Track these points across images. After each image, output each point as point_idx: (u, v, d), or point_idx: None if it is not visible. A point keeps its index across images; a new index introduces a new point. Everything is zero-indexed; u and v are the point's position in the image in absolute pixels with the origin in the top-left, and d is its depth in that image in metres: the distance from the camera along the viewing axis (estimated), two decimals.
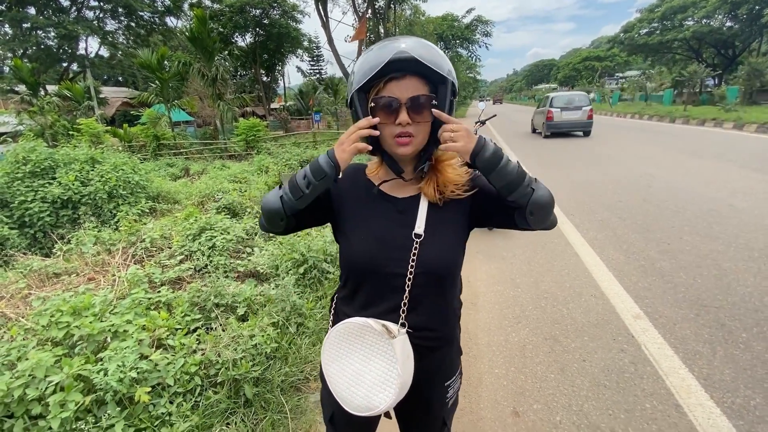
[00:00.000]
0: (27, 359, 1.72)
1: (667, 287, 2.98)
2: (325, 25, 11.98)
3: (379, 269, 0.89)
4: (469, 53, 31.48)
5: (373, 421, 1.06)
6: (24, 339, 1.97)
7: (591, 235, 4.15)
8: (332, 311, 1.05)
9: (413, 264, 0.86)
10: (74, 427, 1.53)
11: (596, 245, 3.86)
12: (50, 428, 1.53)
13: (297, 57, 32.02)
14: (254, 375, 1.84)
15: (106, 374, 1.60)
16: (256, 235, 3.81)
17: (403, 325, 0.87)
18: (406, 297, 0.87)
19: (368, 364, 0.84)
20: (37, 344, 1.92)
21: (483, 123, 5.51)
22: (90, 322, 1.82)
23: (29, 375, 1.63)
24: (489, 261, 3.72)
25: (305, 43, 31.76)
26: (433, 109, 0.82)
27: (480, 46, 30.51)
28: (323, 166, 0.82)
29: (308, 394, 1.97)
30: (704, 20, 29.34)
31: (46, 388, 1.59)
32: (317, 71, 34.33)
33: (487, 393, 2.04)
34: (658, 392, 1.97)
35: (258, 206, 4.90)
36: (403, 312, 0.88)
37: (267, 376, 1.90)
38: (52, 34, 23.81)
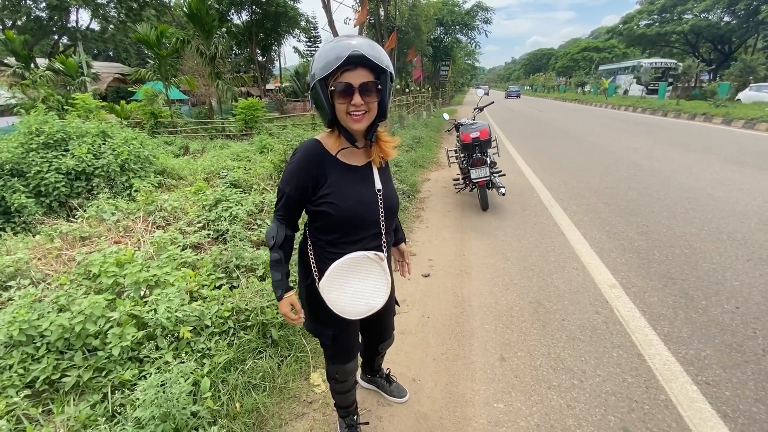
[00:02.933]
0: (77, 304, 1.98)
1: (641, 263, 3.31)
2: (327, 7, 11.95)
3: (365, 219, 1.25)
4: (469, 39, 31.34)
5: (357, 321, 1.44)
6: (71, 288, 2.22)
7: (578, 217, 4.46)
8: (312, 258, 1.32)
9: (382, 210, 1.27)
10: (131, 355, 1.81)
11: (581, 226, 4.18)
12: (109, 356, 1.81)
13: (294, 37, 31.57)
14: (279, 320, 2.13)
15: (156, 312, 1.87)
16: (263, 210, 4.06)
17: (383, 251, 1.29)
18: (384, 231, 1.29)
19: (364, 282, 1.25)
20: (84, 292, 2.18)
21: (481, 110, 5.76)
22: (137, 272, 2.07)
23: (88, 314, 1.89)
24: (482, 238, 4.03)
25: (302, 23, 31.27)
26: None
27: (479, 33, 30.39)
28: (276, 293, 1.34)
29: None
30: (703, 14, 29.52)
31: (104, 324, 1.86)
32: (314, 52, 33.94)
33: (478, 343, 2.35)
34: (624, 344, 2.30)
35: (264, 182, 5.13)
36: (384, 241, 1.30)
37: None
38: (43, 4, 23.16)
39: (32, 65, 17.97)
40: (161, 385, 1.61)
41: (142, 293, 2.16)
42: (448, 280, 3.15)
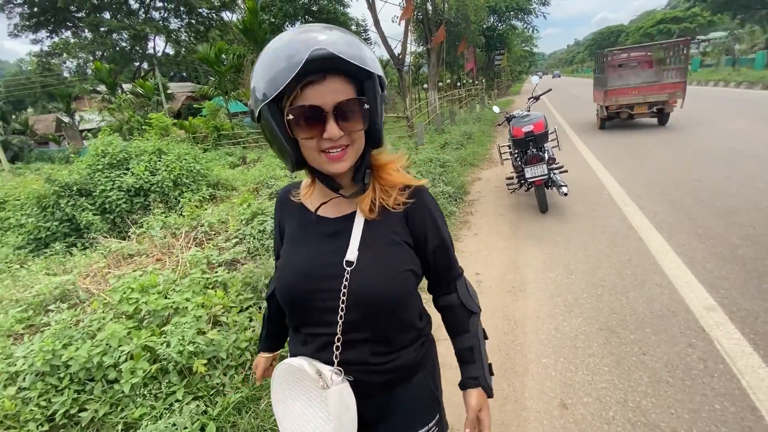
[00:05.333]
0: (105, 330, 1.94)
1: (749, 276, 2.64)
2: (372, 7, 11.81)
3: (307, 303, 0.78)
4: (525, 25, 29.45)
5: None
6: (103, 312, 2.22)
7: (660, 218, 3.77)
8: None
9: (344, 296, 0.74)
10: (143, 392, 1.71)
11: (665, 229, 3.51)
12: (123, 391, 1.72)
13: None
14: None
15: (168, 346, 1.76)
16: None
17: (338, 372, 0.74)
18: (339, 333, 0.75)
19: (308, 408, 0.75)
20: (114, 317, 2.16)
21: (537, 99, 5.19)
22: (155, 299, 2.00)
23: (106, 344, 1.83)
24: (541, 246, 3.54)
25: (353, 27, 31.72)
26: None
27: (537, 17, 28.43)
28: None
29: None
30: None
31: (119, 356, 1.79)
32: None
33: (532, 383, 1.96)
34: (732, 392, 1.77)
35: None
36: (337, 349, 0.75)
37: None
38: (125, 35, 26.01)
39: (118, 91, 20.15)
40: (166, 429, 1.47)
41: (165, 318, 2.08)
42: (497, 299, 2.76)
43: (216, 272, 2.73)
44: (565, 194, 4.05)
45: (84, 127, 22.99)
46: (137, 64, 29.18)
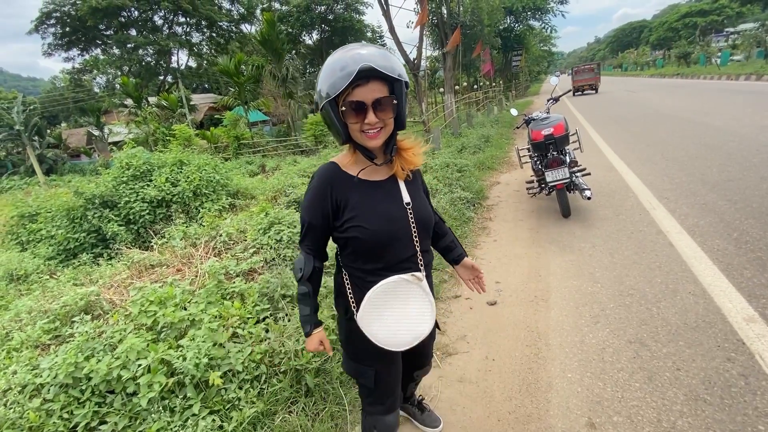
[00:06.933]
0: (125, 342, 1.97)
1: None
2: (386, 14, 11.81)
3: (396, 239, 1.14)
4: (543, 24, 28.96)
5: (400, 360, 1.33)
6: (124, 324, 2.25)
7: (691, 221, 3.59)
8: (349, 289, 1.21)
9: (414, 225, 1.16)
10: (160, 405, 1.71)
11: (697, 233, 3.32)
12: (140, 404, 1.73)
13: None
14: (315, 366, 1.90)
15: (184, 359, 1.76)
16: None
17: (421, 270, 1.18)
18: (418, 249, 1.18)
19: (406, 308, 1.16)
20: (134, 328, 2.19)
21: (556, 100, 5.05)
22: (172, 311, 2.01)
23: (125, 357, 1.85)
24: (563, 253, 3.41)
25: (368, 34, 32.03)
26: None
27: (555, 15, 27.93)
28: (303, 328, 1.25)
29: None
30: None
31: (137, 370, 1.80)
32: None
33: (557, 399, 1.87)
34: None
35: None
36: (420, 259, 1.19)
37: (326, 367, 1.95)
38: (150, 50, 27.05)
39: (144, 104, 20.90)
40: None
41: (182, 330, 2.10)
42: (519, 310, 2.66)
43: (234, 282, 2.75)
44: (589, 198, 3.90)
45: (113, 140, 23.93)
46: (162, 77, 30.29)
